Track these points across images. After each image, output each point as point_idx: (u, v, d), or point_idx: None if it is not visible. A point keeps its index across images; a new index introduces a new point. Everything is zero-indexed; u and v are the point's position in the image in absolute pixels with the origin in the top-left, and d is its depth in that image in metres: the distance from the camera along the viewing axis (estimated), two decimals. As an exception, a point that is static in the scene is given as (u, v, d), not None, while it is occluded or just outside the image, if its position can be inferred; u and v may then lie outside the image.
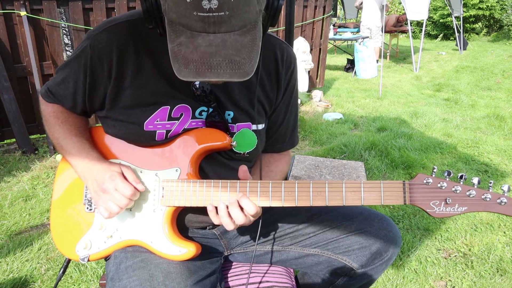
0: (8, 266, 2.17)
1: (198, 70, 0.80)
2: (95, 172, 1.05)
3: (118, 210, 1.01)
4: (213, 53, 0.80)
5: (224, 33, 0.81)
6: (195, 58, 0.80)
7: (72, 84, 1.10)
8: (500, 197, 0.91)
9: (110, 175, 1.02)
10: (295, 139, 1.34)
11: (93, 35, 1.05)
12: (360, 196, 0.97)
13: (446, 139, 4.24)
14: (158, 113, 1.07)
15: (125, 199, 1.00)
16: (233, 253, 1.28)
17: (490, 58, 10.02)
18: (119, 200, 1.00)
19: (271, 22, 0.96)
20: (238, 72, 0.81)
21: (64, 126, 1.14)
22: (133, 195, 1.01)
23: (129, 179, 1.03)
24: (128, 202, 1.01)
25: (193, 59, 0.80)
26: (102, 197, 1.02)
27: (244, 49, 0.82)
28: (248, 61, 0.82)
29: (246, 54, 0.82)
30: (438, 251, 2.34)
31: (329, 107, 5.67)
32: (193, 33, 0.81)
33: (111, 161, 1.11)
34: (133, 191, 1.01)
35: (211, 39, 0.80)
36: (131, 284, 0.99)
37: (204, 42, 0.80)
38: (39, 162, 3.51)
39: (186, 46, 0.81)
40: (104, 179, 1.02)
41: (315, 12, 5.94)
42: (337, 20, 14.48)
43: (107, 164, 1.05)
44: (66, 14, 3.80)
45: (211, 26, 0.79)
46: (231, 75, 0.81)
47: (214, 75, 0.80)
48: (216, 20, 0.79)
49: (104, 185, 1.02)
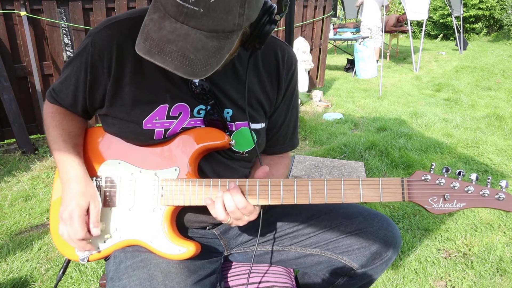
0: (8, 266, 2.17)
1: (150, 49, 0.81)
2: (67, 190, 1.06)
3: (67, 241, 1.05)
4: (171, 40, 0.81)
5: (191, 28, 0.81)
6: (154, 37, 0.82)
7: (73, 81, 1.11)
8: (498, 193, 0.91)
9: (71, 210, 1.03)
10: (295, 141, 1.34)
11: (94, 32, 1.06)
12: (359, 194, 0.97)
13: (446, 139, 4.24)
14: (157, 112, 1.07)
15: (71, 240, 1.04)
16: (233, 253, 1.28)
17: (490, 58, 10.02)
18: (68, 235, 1.04)
19: (256, 43, 0.95)
20: (186, 68, 0.82)
21: (56, 129, 1.14)
22: (81, 240, 1.04)
23: (91, 219, 1.05)
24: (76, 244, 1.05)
25: (152, 37, 0.82)
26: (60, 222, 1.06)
27: (204, 51, 0.82)
28: (203, 64, 0.82)
29: (203, 56, 0.82)
30: (438, 251, 2.34)
31: (329, 107, 5.67)
32: (165, 14, 0.82)
33: (110, 161, 1.10)
34: (83, 236, 1.03)
35: (177, 27, 0.81)
36: (131, 283, 0.99)
37: (169, 27, 0.81)
38: (39, 162, 3.51)
39: (154, 23, 0.83)
40: (66, 209, 1.04)
41: (315, 12, 5.94)
42: (337, 21, 14.49)
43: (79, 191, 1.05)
44: (66, 14, 3.80)
45: (181, 16, 0.80)
46: (176, 67, 0.81)
47: (160, 60, 0.81)
48: (188, 11, 0.79)
49: (63, 215, 1.04)
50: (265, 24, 0.92)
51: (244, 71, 1.12)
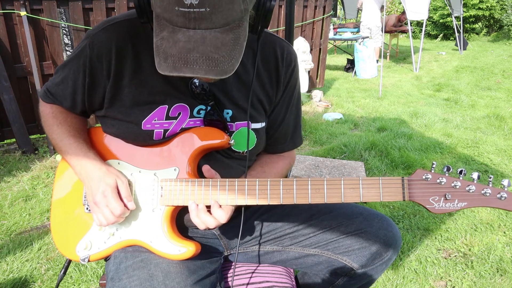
0: (8, 266, 2.17)
1: (175, 64, 0.81)
2: (91, 180, 1.05)
3: (106, 224, 1.03)
4: (191, 48, 0.81)
5: (204, 30, 0.81)
6: (173, 53, 0.81)
7: (71, 84, 1.10)
8: (500, 192, 0.90)
9: (103, 190, 1.02)
10: (297, 140, 1.32)
11: (92, 34, 1.05)
12: (359, 193, 0.96)
13: (446, 139, 4.24)
14: (156, 113, 1.07)
15: (114, 217, 1.02)
16: (233, 253, 1.27)
17: (490, 58, 10.02)
18: (108, 217, 1.02)
19: (262, 23, 0.95)
20: (214, 69, 0.81)
21: (62, 127, 1.14)
22: (122, 214, 1.03)
23: (122, 195, 1.04)
24: (117, 220, 1.03)
25: (172, 54, 0.81)
26: (94, 208, 1.04)
27: (224, 47, 0.82)
28: (228, 59, 0.82)
29: (226, 52, 0.82)
30: (438, 251, 2.34)
31: (329, 107, 5.67)
32: (174, 28, 0.82)
33: (110, 164, 1.10)
34: (123, 210, 1.02)
35: (191, 34, 0.81)
36: (131, 284, 0.99)
37: (184, 38, 0.81)
38: (39, 162, 3.50)
39: (167, 41, 0.82)
40: (98, 191, 1.03)
41: (315, 12, 5.94)
42: (337, 21, 14.48)
43: (103, 173, 1.05)
44: (66, 14, 3.80)
45: (192, 22, 0.80)
46: (206, 71, 0.81)
47: (189, 71, 0.81)
48: (196, 16, 0.79)
49: (96, 198, 1.03)
50: (266, 1, 0.92)
51: (243, 70, 1.12)
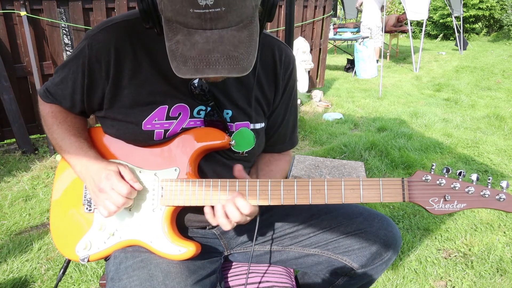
0: (8, 266, 2.17)
1: (196, 67, 0.80)
2: (93, 172, 1.05)
3: (115, 209, 1.01)
4: (210, 49, 0.80)
5: (221, 29, 0.81)
6: (193, 55, 0.80)
7: (70, 84, 1.10)
8: (498, 194, 0.91)
9: (106, 174, 1.02)
10: (295, 139, 1.35)
11: (91, 35, 1.05)
12: (359, 194, 0.97)
13: (446, 139, 4.24)
14: (156, 113, 1.07)
15: (122, 198, 1.00)
16: (233, 253, 1.28)
17: (490, 58, 10.02)
18: (116, 199, 1.00)
19: (268, 18, 0.95)
20: (236, 67, 0.81)
21: (62, 126, 1.14)
22: (129, 194, 1.01)
23: (126, 177, 1.03)
24: (125, 201, 1.01)
25: (191, 56, 0.81)
26: (100, 197, 1.03)
27: (242, 44, 0.82)
28: (246, 56, 0.83)
29: (243, 49, 0.82)
30: (438, 251, 2.34)
31: (329, 107, 5.67)
32: (190, 30, 0.81)
33: (111, 161, 1.10)
34: (129, 189, 1.01)
35: (208, 35, 0.81)
36: (131, 284, 0.99)
37: (202, 39, 0.81)
38: (39, 162, 3.50)
39: (183, 44, 0.81)
40: (101, 178, 1.02)
41: (315, 12, 5.94)
42: (337, 21, 14.48)
43: (105, 164, 1.05)
44: (66, 14, 3.80)
45: (208, 23, 0.80)
46: (229, 70, 0.81)
47: (212, 71, 0.80)
48: (212, 16, 0.79)
49: (101, 184, 1.02)
50: None
51: None
